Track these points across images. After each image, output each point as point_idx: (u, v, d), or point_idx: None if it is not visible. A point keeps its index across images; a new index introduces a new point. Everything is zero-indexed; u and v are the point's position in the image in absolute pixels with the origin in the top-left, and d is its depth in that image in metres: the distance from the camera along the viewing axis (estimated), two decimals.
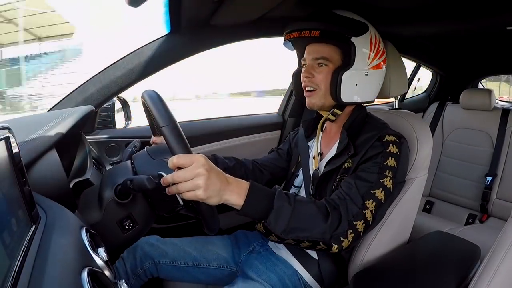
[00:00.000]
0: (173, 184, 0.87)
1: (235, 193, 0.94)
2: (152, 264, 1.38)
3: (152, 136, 1.39)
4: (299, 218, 1.02)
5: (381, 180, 1.13)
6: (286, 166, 1.56)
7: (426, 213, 2.79)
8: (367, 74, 1.27)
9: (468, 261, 1.25)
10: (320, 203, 1.09)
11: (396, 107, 1.59)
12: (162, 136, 0.97)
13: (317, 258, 1.31)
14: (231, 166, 1.46)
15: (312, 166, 1.37)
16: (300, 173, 1.43)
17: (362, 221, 1.10)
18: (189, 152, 0.93)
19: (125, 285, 0.81)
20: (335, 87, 1.23)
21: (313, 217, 1.05)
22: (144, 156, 1.17)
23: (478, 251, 1.32)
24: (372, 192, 1.12)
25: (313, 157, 1.39)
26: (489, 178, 2.52)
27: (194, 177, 0.85)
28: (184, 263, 1.39)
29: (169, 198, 1.02)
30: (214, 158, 1.45)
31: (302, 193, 1.39)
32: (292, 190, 1.45)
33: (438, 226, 2.22)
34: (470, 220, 2.61)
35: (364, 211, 1.10)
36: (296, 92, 1.44)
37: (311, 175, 1.36)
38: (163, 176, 0.92)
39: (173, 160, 0.86)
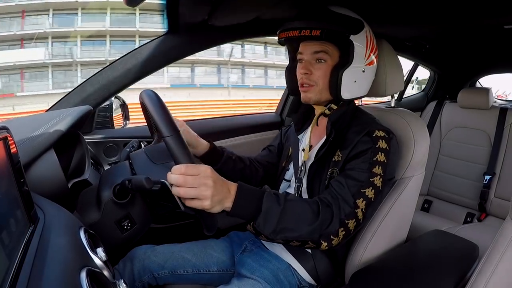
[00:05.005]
0: (177, 186, 0.90)
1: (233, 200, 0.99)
2: (151, 277, 1.36)
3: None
4: (287, 219, 1.04)
5: (371, 179, 1.14)
6: (278, 162, 1.57)
7: (424, 212, 2.80)
8: (364, 71, 1.28)
9: (466, 260, 1.26)
10: (312, 201, 1.11)
11: (393, 105, 1.59)
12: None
13: (311, 252, 1.31)
14: (233, 159, 1.48)
15: (301, 159, 1.38)
16: (291, 166, 1.44)
17: (354, 220, 1.11)
18: (193, 161, 0.95)
19: (124, 285, 0.81)
20: (335, 84, 1.23)
21: (303, 217, 1.06)
22: (144, 158, 1.16)
23: (476, 250, 1.33)
24: (363, 191, 1.13)
25: (303, 149, 1.39)
26: (487, 177, 2.52)
27: (200, 187, 0.90)
28: (184, 271, 1.38)
29: (170, 203, 1.02)
30: (221, 147, 1.48)
31: (293, 186, 1.39)
32: (283, 184, 1.46)
33: (436, 225, 2.23)
34: (468, 219, 2.61)
35: (356, 210, 1.11)
36: (290, 87, 1.44)
37: (299, 166, 1.37)
38: (165, 183, 0.95)
39: (181, 170, 0.90)
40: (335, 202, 1.11)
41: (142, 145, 1.38)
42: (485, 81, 3.37)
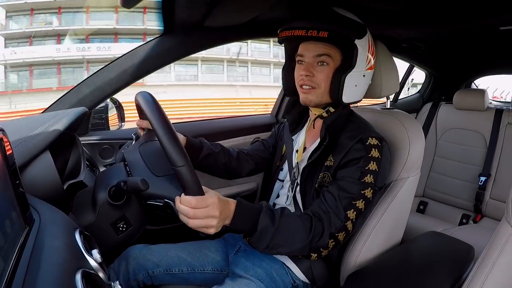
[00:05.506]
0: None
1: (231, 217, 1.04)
2: (146, 275, 1.35)
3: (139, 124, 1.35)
4: (281, 237, 1.09)
5: (362, 192, 1.16)
6: (270, 158, 1.58)
7: (419, 214, 2.80)
8: (364, 75, 1.28)
9: (462, 262, 1.26)
10: (306, 217, 1.14)
11: (389, 107, 1.59)
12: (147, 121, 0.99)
13: None
14: (216, 152, 1.47)
15: (295, 160, 1.38)
16: (285, 166, 1.44)
17: (343, 232, 1.15)
18: (202, 191, 0.97)
19: (119, 286, 0.81)
20: (337, 88, 1.23)
21: (296, 235, 1.11)
22: (142, 166, 1.14)
23: (472, 251, 1.32)
24: (354, 203, 1.16)
25: (296, 151, 1.39)
26: (483, 178, 2.53)
27: (207, 218, 0.96)
28: (179, 270, 1.38)
29: (172, 217, 1.03)
30: (199, 142, 1.44)
31: (286, 186, 1.41)
32: (277, 184, 1.46)
33: (432, 227, 2.22)
34: (464, 220, 2.62)
35: (346, 223, 1.14)
36: (287, 87, 1.41)
37: (293, 168, 1.37)
38: (169, 204, 1.01)
39: (191, 203, 0.94)
40: (326, 216, 1.14)
41: (133, 137, 1.36)
42: (482, 82, 3.39)
